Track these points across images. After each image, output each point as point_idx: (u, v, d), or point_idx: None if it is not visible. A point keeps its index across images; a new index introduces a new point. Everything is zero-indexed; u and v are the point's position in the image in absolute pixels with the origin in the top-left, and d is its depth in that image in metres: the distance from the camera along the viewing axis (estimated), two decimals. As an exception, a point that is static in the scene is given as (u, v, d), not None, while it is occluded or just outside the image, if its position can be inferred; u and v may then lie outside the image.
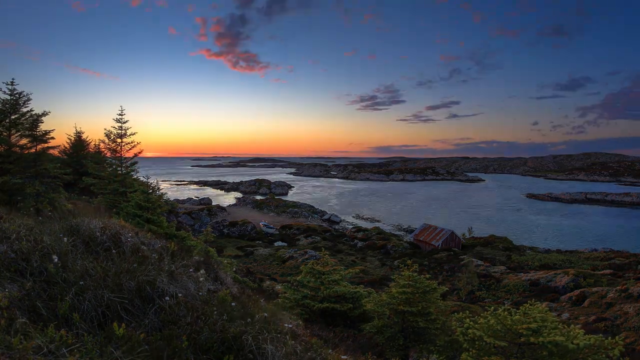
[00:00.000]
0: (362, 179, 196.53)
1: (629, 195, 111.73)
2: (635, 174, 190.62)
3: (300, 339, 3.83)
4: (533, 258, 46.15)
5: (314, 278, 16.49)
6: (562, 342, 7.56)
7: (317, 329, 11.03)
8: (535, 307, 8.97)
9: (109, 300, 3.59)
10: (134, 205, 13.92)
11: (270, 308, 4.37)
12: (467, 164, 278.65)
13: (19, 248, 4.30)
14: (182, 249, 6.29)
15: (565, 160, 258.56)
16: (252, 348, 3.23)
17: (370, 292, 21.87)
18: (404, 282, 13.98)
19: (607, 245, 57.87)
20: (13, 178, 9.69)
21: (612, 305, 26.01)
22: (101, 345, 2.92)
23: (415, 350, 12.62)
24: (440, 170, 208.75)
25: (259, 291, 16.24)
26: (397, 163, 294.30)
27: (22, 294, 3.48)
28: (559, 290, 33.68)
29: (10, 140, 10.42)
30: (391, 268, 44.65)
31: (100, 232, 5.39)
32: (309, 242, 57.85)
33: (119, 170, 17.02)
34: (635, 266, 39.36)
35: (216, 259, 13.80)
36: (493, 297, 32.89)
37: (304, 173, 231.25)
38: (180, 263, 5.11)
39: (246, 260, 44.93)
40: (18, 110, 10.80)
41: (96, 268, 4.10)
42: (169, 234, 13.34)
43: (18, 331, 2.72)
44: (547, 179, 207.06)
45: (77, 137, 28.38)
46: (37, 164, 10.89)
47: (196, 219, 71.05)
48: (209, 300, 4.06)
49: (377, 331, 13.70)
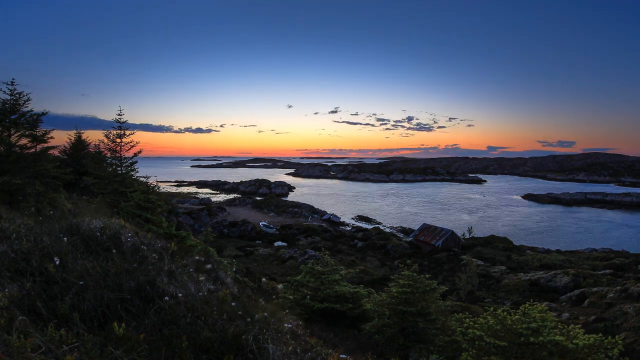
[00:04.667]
0: (362, 179, 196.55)
1: (629, 196, 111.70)
2: (635, 174, 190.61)
3: (300, 339, 3.83)
4: (533, 258, 46.14)
5: (314, 278, 16.49)
6: (562, 342, 7.57)
7: (317, 329, 11.04)
8: (535, 307, 8.97)
9: (109, 300, 3.59)
10: (133, 205, 13.92)
11: (270, 308, 4.37)
12: (467, 164, 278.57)
13: (19, 248, 4.31)
14: (182, 249, 6.30)
15: (565, 160, 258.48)
16: (252, 348, 3.23)
17: (370, 292, 21.89)
18: (403, 281, 13.99)
19: (607, 245, 57.88)
20: (13, 178, 9.70)
21: (612, 305, 26.01)
22: (101, 344, 2.93)
23: (415, 350, 12.61)
24: (440, 170, 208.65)
25: (259, 291, 16.25)
26: (398, 163, 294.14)
27: (22, 293, 3.48)
28: (559, 290, 33.67)
29: (11, 140, 10.42)
30: (391, 268, 44.65)
31: (100, 232, 5.39)
32: (309, 242, 57.84)
33: (119, 170, 17.04)
34: (635, 266, 39.35)
35: (216, 259, 13.80)
36: (493, 297, 32.88)
37: (304, 173, 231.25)
38: (180, 263, 5.11)
39: (246, 260, 44.91)
40: (18, 110, 10.80)
41: (96, 268, 4.10)
42: (169, 234, 13.34)
43: (17, 330, 2.73)
44: (546, 179, 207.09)
45: (77, 137, 28.39)
46: (37, 164, 10.89)
47: (196, 219, 71.03)
48: (209, 300, 4.06)
49: (377, 331, 13.70)
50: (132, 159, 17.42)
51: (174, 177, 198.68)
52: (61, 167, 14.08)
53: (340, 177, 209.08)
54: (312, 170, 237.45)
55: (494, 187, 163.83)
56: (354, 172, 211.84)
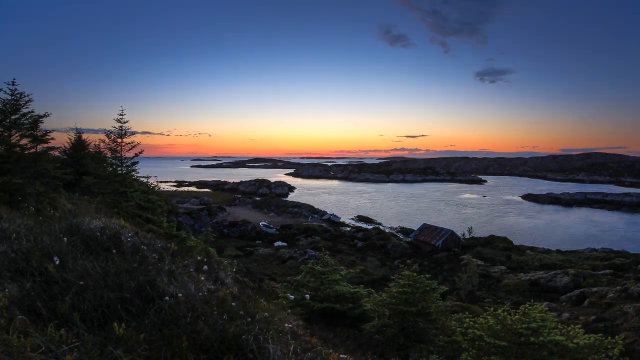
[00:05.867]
0: (362, 180, 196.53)
1: (629, 196, 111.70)
2: (635, 174, 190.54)
3: (300, 338, 3.83)
4: (533, 258, 46.14)
5: (314, 278, 16.50)
6: (562, 342, 7.57)
7: (317, 328, 11.04)
8: (535, 307, 8.97)
9: (109, 300, 3.59)
10: (134, 205, 13.93)
11: (271, 308, 4.37)
12: (467, 164, 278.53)
13: (19, 248, 4.31)
14: (182, 249, 6.30)
15: (565, 160, 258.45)
16: (252, 348, 3.23)
17: (370, 292, 21.90)
18: (404, 281, 13.99)
19: (607, 245, 57.87)
20: (13, 178, 9.70)
21: (612, 305, 26.01)
22: (101, 344, 2.93)
23: (416, 350, 12.61)
24: (440, 170, 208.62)
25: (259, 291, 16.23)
26: (397, 163, 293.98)
27: (22, 293, 3.48)
28: (559, 290, 33.68)
29: (11, 141, 10.42)
30: (391, 268, 44.65)
31: (100, 232, 5.39)
32: (309, 242, 57.85)
33: (119, 170, 17.03)
34: (635, 266, 39.36)
35: (216, 259, 13.80)
36: (493, 297, 32.88)
37: (304, 173, 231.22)
38: (180, 263, 5.11)
39: (246, 260, 44.92)
40: (19, 111, 10.80)
41: (96, 268, 4.10)
42: (169, 234, 13.35)
43: (17, 330, 2.73)
44: (546, 180, 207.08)
45: (77, 136, 28.39)
46: (38, 164, 10.89)
47: (196, 219, 71.04)
48: (209, 300, 4.06)
49: (377, 331, 13.71)
50: (133, 159, 17.41)
51: (174, 177, 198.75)
52: (61, 167, 14.08)
53: (340, 177, 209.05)
54: (312, 170, 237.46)
55: (494, 187, 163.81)
56: (354, 172, 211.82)
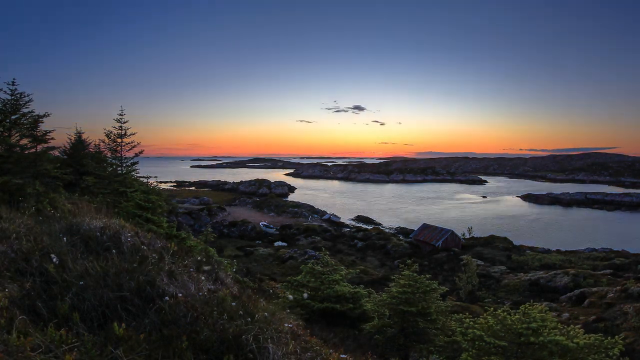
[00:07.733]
0: (362, 180, 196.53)
1: (629, 196, 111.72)
2: (635, 174, 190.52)
3: (300, 338, 3.83)
4: (533, 258, 46.15)
5: (314, 278, 16.50)
6: (562, 342, 7.56)
7: (317, 329, 11.04)
8: (535, 307, 8.97)
9: (109, 300, 3.59)
10: (134, 205, 13.93)
11: (271, 308, 4.37)
12: (467, 164, 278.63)
13: (19, 248, 4.31)
14: (182, 249, 6.30)
15: (565, 160, 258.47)
16: (252, 348, 3.22)
17: (370, 292, 21.88)
18: (404, 282, 13.99)
19: (607, 245, 57.85)
20: (13, 178, 9.69)
21: (612, 305, 26.01)
22: (101, 344, 2.93)
23: (416, 350, 12.62)
24: (440, 170, 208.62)
25: (259, 291, 16.24)
26: (397, 163, 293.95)
27: (22, 293, 3.48)
28: (559, 290, 33.68)
29: (11, 141, 10.42)
30: (391, 268, 44.67)
31: (100, 232, 5.39)
32: (309, 242, 57.86)
33: (119, 170, 17.03)
34: (635, 266, 39.36)
35: (216, 259, 13.80)
36: (493, 297, 32.89)
37: (304, 173, 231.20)
38: (180, 263, 5.11)
39: (246, 260, 44.93)
40: (19, 111, 10.79)
41: (96, 268, 4.10)
42: (169, 234, 13.35)
43: (17, 330, 2.73)
44: (547, 180, 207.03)
45: (77, 136, 28.39)
46: (38, 164, 10.88)
47: (196, 219, 71.05)
48: (209, 300, 4.06)
49: (377, 331, 13.71)
50: (133, 159, 17.41)
51: (174, 177, 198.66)
52: (61, 167, 14.08)
53: (340, 177, 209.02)
54: (312, 170, 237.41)
55: (494, 187, 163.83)
56: (354, 172, 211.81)
